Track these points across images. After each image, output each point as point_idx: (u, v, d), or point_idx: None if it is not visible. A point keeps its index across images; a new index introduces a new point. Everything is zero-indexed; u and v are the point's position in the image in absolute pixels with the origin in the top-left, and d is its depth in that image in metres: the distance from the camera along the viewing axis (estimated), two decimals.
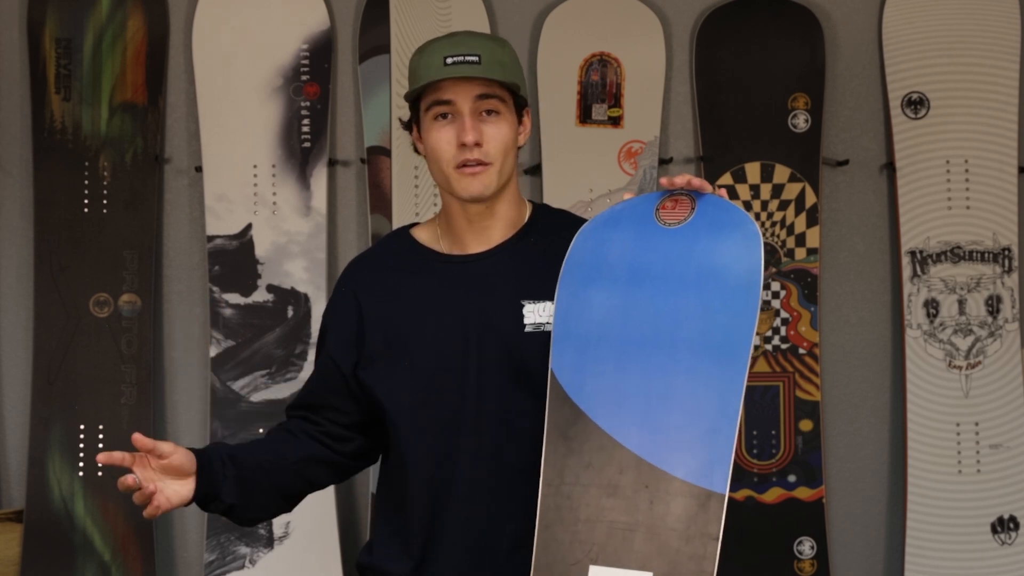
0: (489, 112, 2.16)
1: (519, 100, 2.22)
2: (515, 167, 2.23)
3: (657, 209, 2.12)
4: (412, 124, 2.25)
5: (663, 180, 2.12)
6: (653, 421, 2.00)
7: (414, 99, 2.20)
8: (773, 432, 3.86)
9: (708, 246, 2.04)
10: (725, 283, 2.01)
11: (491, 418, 2.16)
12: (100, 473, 3.70)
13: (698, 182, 2.08)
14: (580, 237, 2.16)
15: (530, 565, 2.04)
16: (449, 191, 2.20)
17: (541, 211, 2.31)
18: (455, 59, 2.13)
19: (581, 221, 2.28)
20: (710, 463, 1.94)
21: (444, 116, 2.16)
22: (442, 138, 2.16)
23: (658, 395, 2.01)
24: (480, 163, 2.15)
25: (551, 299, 2.14)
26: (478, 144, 2.14)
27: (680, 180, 2.09)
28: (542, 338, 2.13)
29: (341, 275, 2.34)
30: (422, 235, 2.29)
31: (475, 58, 2.13)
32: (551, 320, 2.13)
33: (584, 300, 2.11)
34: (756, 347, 3.86)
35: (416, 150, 2.27)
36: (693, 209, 2.09)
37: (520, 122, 2.23)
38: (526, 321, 2.16)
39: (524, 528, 2.08)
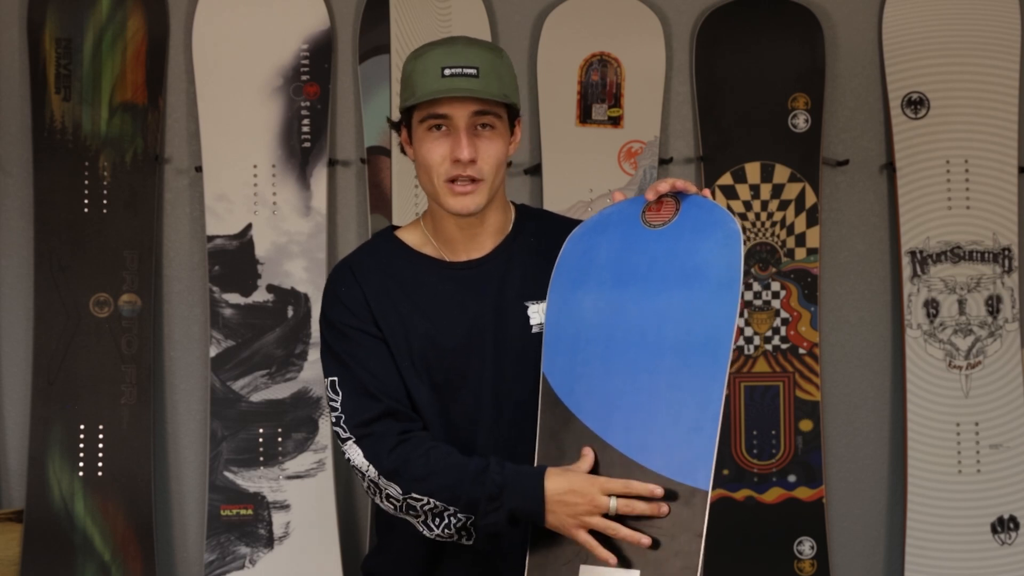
0: (484, 126, 2.12)
1: (512, 110, 2.18)
2: (504, 179, 2.21)
3: (643, 212, 2.14)
4: (401, 125, 2.20)
5: (648, 193, 2.12)
6: (639, 421, 2.01)
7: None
8: (773, 432, 3.86)
9: (690, 246, 2.06)
10: (706, 281, 2.02)
11: (507, 420, 2.16)
12: (100, 473, 3.71)
13: (681, 184, 2.10)
14: (570, 242, 2.17)
15: None
16: (438, 203, 2.17)
17: (524, 213, 2.30)
18: (453, 71, 2.08)
19: (561, 219, 2.29)
20: (693, 460, 1.95)
21: (438, 127, 2.12)
22: (435, 151, 2.12)
23: (644, 394, 2.02)
24: (472, 180, 2.12)
25: None
26: (472, 161, 2.11)
27: (664, 187, 2.11)
28: None
29: (336, 279, 2.23)
30: (410, 239, 2.25)
31: (473, 70, 2.08)
32: None
33: (574, 303, 2.13)
34: (756, 347, 3.86)
35: (403, 151, 2.24)
36: (678, 211, 2.11)
37: (512, 132, 2.19)
38: (532, 322, 2.17)
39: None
